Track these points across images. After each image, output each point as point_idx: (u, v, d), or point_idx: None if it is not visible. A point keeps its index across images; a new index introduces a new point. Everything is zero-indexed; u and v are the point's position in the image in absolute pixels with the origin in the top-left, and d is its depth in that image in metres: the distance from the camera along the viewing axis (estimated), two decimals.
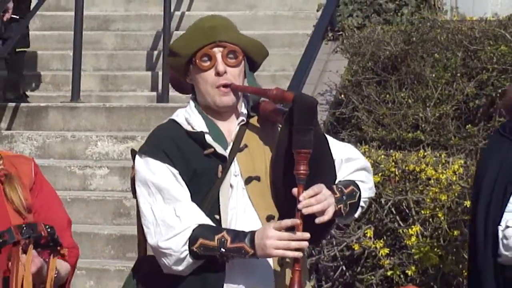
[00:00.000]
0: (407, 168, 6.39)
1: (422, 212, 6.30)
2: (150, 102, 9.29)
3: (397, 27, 7.88)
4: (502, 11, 7.21)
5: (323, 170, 3.96)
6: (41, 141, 8.44)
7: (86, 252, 7.16)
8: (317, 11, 8.66)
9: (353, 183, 4.07)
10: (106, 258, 7.37)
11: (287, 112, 3.92)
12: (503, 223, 4.32)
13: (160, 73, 9.38)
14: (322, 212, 3.85)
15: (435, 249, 6.27)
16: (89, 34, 10.04)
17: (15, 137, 8.41)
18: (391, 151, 6.72)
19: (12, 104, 8.86)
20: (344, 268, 6.38)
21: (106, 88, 9.77)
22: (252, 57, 4.09)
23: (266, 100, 4.10)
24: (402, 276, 6.35)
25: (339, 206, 3.93)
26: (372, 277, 6.29)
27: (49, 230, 3.75)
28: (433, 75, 7.11)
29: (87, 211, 7.66)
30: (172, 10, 9.78)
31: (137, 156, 4.06)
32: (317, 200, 3.83)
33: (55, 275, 3.83)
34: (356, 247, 6.20)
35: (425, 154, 6.82)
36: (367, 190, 4.10)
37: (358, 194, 4.05)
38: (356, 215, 4.12)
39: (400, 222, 6.25)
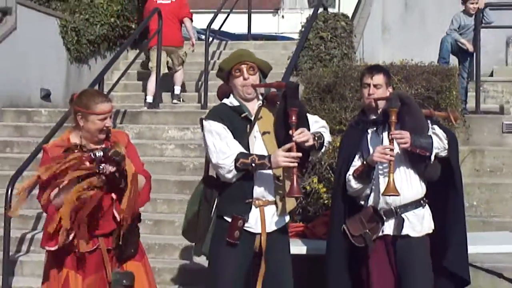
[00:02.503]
0: (335, 145, 6.16)
1: None
2: (197, 109, 9.20)
3: (330, 68, 7.76)
4: (387, 60, 7.21)
5: (303, 122, 4.00)
6: (138, 130, 8.42)
7: (163, 190, 7.19)
8: (287, 59, 8.56)
9: (320, 132, 4.10)
10: (173, 193, 7.33)
11: (283, 93, 4.02)
12: (348, 173, 4.32)
13: (203, 93, 9.26)
14: (306, 141, 3.93)
15: None
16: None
17: (123, 128, 8.30)
18: None
19: (123, 110, 8.77)
20: (301, 199, 6.24)
21: (173, 102, 9.67)
22: (263, 70, 4.16)
23: (271, 92, 4.18)
24: None
25: (313, 143, 4.00)
26: (317, 204, 6.17)
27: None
28: (350, 95, 6.95)
29: (164, 168, 7.64)
30: (209, 59, 9.70)
31: (204, 121, 4.07)
32: (303, 134, 3.91)
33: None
34: (308, 187, 6.15)
35: None
36: (327, 137, 4.15)
37: (323, 138, 4.11)
38: (322, 151, 4.16)
39: (332, 174, 6.09)
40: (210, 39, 10.05)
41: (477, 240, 5.15)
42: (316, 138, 4.02)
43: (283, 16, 26.88)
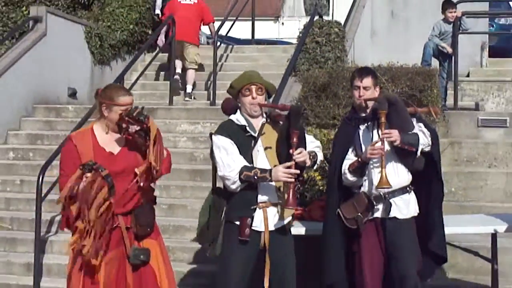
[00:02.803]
0: (329, 137, 6.23)
1: None
2: (207, 106, 9.15)
3: (325, 69, 7.71)
4: (375, 62, 7.22)
5: (302, 143, 3.99)
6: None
7: (176, 178, 7.16)
8: (287, 61, 8.52)
9: (314, 151, 4.10)
10: (186, 180, 7.33)
11: (287, 114, 3.98)
12: (343, 166, 4.28)
13: (211, 92, 9.21)
14: (304, 161, 3.91)
15: None
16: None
17: None
18: (322, 129, 6.59)
19: (140, 106, 8.44)
20: (299, 185, 6.21)
21: (185, 99, 9.63)
22: (269, 91, 4.13)
23: (274, 112, 4.13)
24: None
25: (310, 162, 3.99)
26: (313, 190, 6.09)
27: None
28: (343, 93, 6.90)
29: (177, 158, 7.47)
30: (217, 62, 9.65)
31: (213, 135, 4.05)
32: (302, 155, 3.89)
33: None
34: (305, 175, 5.95)
35: None
36: (320, 157, 4.15)
37: (317, 157, 4.11)
38: (315, 167, 4.19)
39: (326, 163, 5.92)
40: (218, 43, 10.04)
41: (455, 222, 5.14)
42: (311, 157, 4.01)
43: (283, 23, 26.81)
